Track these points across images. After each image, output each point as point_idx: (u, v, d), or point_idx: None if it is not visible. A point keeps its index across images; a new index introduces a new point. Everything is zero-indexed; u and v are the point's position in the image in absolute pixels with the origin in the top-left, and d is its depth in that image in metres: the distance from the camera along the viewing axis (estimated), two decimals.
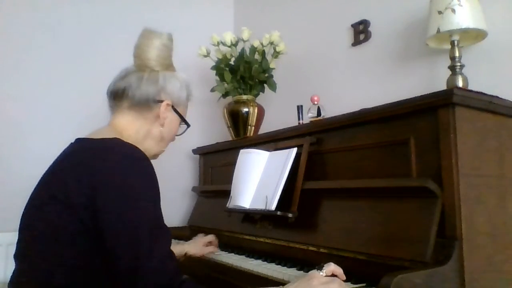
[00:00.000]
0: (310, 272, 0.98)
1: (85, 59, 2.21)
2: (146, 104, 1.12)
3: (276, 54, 2.13)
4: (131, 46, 1.22)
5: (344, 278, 1.01)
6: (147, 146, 1.12)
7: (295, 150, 1.54)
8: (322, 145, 1.53)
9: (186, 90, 1.20)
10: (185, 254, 1.52)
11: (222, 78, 2.17)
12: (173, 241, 1.83)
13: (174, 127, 1.19)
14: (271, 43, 2.11)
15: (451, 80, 1.43)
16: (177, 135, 1.24)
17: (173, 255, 0.93)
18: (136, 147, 1.00)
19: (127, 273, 0.88)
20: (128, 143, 1.02)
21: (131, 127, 1.12)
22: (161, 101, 1.12)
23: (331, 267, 0.99)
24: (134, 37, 1.23)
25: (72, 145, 1.07)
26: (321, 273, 0.97)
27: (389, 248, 1.15)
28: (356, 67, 1.99)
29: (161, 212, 0.96)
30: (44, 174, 1.03)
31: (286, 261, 1.39)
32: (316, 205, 1.45)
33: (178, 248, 1.52)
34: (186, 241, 1.77)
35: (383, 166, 1.31)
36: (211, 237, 1.59)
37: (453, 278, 1.05)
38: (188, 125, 1.23)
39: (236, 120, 2.15)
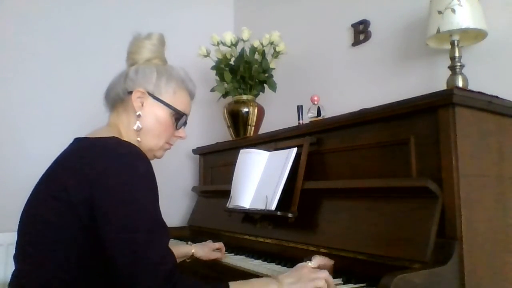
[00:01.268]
0: (300, 264, 1.05)
1: (84, 59, 2.21)
2: (119, 98, 1.13)
3: (276, 54, 2.13)
4: None
5: (332, 263, 1.09)
6: (142, 141, 1.11)
7: (295, 150, 1.54)
8: (322, 145, 1.53)
9: (174, 79, 1.15)
10: (192, 255, 1.52)
11: (222, 78, 2.17)
12: (179, 242, 1.85)
13: (160, 116, 1.12)
14: (271, 43, 2.11)
15: (451, 80, 1.43)
16: (177, 128, 1.18)
17: (170, 254, 0.93)
18: (134, 146, 1.00)
19: (125, 272, 0.88)
20: (126, 141, 1.02)
21: (121, 125, 1.12)
22: (132, 92, 1.11)
23: (318, 259, 1.06)
24: None
25: (71, 145, 1.07)
26: (310, 264, 1.04)
27: (389, 248, 1.15)
28: (356, 67, 1.99)
29: (159, 211, 0.96)
30: (44, 174, 1.03)
31: (286, 261, 1.39)
32: (316, 205, 1.45)
33: (186, 248, 1.52)
34: (186, 241, 1.77)
35: (383, 166, 1.31)
36: (219, 244, 1.59)
37: (453, 278, 1.05)
38: (174, 109, 1.14)
39: (236, 120, 2.15)
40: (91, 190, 0.90)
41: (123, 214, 0.89)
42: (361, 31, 1.97)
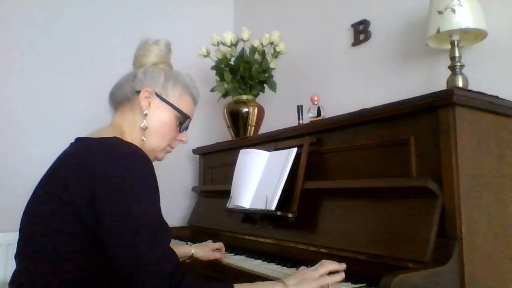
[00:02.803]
0: (303, 267, 1.09)
1: (86, 59, 2.21)
2: (126, 98, 1.14)
3: (276, 54, 2.13)
4: (132, 47, 1.23)
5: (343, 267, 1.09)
6: (145, 142, 1.12)
7: (295, 150, 1.54)
8: (322, 145, 1.53)
9: (181, 84, 1.17)
10: (192, 255, 1.52)
11: (222, 78, 2.17)
12: (179, 242, 1.85)
13: (166, 117, 1.14)
14: (271, 43, 2.11)
15: (451, 80, 1.43)
16: (180, 131, 1.20)
17: (172, 253, 0.93)
18: (135, 146, 1.01)
19: (127, 273, 0.88)
20: (127, 142, 1.03)
21: (125, 125, 1.13)
22: (139, 91, 1.12)
23: (326, 266, 1.07)
24: (135, 37, 1.23)
25: (72, 144, 1.08)
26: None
27: (389, 248, 1.15)
28: (356, 67, 1.99)
29: (161, 211, 0.96)
30: (45, 174, 1.03)
31: (286, 261, 1.39)
32: (316, 205, 1.45)
33: (185, 249, 1.52)
34: (186, 241, 1.77)
35: (383, 166, 1.31)
36: (219, 244, 1.59)
37: (453, 278, 1.05)
38: (180, 112, 1.16)
39: (236, 120, 2.15)
40: (93, 190, 0.90)
41: (125, 215, 0.89)
42: (361, 31, 1.97)
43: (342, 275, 1.06)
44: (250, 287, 1.01)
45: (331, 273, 1.07)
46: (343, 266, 1.08)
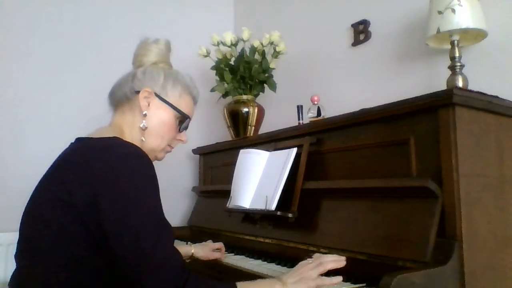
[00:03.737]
0: (301, 262, 1.09)
1: (86, 59, 2.21)
2: (125, 97, 1.14)
3: (276, 54, 2.13)
4: (132, 47, 1.23)
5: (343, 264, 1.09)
6: (145, 142, 1.12)
7: (295, 150, 1.54)
8: (322, 145, 1.53)
9: (180, 83, 1.17)
10: (192, 255, 1.52)
11: (222, 78, 2.17)
12: (179, 242, 1.85)
13: (165, 117, 1.14)
14: (271, 43, 2.11)
15: (451, 80, 1.43)
16: (180, 131, 1.20)
17: (177, 253, 0.93)
18: (135, 146, 1.01)
19: (131, 273, 0.88)
20: (127, 141, 1.03)
21: (125, 125, 1.13)
22: (139, 91, 1.12)
23: (326, 263, 1.07)
24: (135, 37, 1.23)
25: (72, 144, 1.08)
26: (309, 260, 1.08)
27: (389, 248, 1.15)
28: (356, 67, 1.99)
29: (162, 209, 0.96)
30: (45, 174, 1.03)
31: (286, 261, 1.39)
32: (316, 205, 1.45)
33: (186, 249, 1.53)
34: (186, 241, 1.78)
35: (383, 166, 1.31)
36: (219, 244, 1.59)
37: (453, 278, 1.05)
38: (179, 112, 1.16)
39: (236, 120, 2.15)
40: (94, 190, 0.90)
41: (128, 215, 0.89)
42: (361, 31, 1.97)
43: (339, 278, 1.06)
44: (251, 285, 1.02)
45: (330, 272, 1.07)
46: (342, 260, 1.08)
